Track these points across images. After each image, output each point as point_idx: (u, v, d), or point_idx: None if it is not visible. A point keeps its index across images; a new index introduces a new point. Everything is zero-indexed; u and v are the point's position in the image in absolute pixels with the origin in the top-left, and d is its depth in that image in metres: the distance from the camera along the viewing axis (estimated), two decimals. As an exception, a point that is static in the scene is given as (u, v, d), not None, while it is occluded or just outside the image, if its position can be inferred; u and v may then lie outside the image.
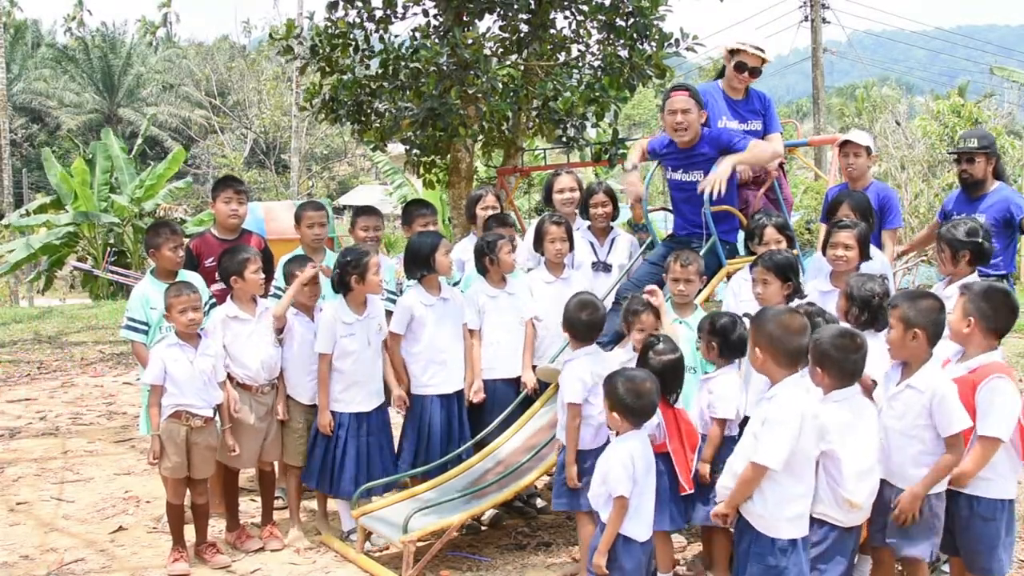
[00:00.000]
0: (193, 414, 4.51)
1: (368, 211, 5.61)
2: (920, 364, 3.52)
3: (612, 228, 5.67)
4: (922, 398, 3.48)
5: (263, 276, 4.83)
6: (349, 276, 4.70)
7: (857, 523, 3.51)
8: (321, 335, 4.77)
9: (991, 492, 3.59)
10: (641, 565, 3.59)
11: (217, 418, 4.65)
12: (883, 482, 3.64)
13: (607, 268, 5.49)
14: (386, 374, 4.95)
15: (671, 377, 3.94)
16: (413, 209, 5.70)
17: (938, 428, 3.43)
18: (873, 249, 4.70)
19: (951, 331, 3.64)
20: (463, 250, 5.60)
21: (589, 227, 5.66)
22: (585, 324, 4.21)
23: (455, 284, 5.35)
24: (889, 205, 5.37)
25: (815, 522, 3.46)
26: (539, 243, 5.22)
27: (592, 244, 5.59)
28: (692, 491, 3.99)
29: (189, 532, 4.70)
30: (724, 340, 4.04)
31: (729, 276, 5.05)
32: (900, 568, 3.93)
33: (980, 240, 4.28)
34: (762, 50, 5.41)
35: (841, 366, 3.44)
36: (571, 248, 5.24)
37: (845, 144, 5.37)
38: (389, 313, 5.04)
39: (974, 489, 3.59)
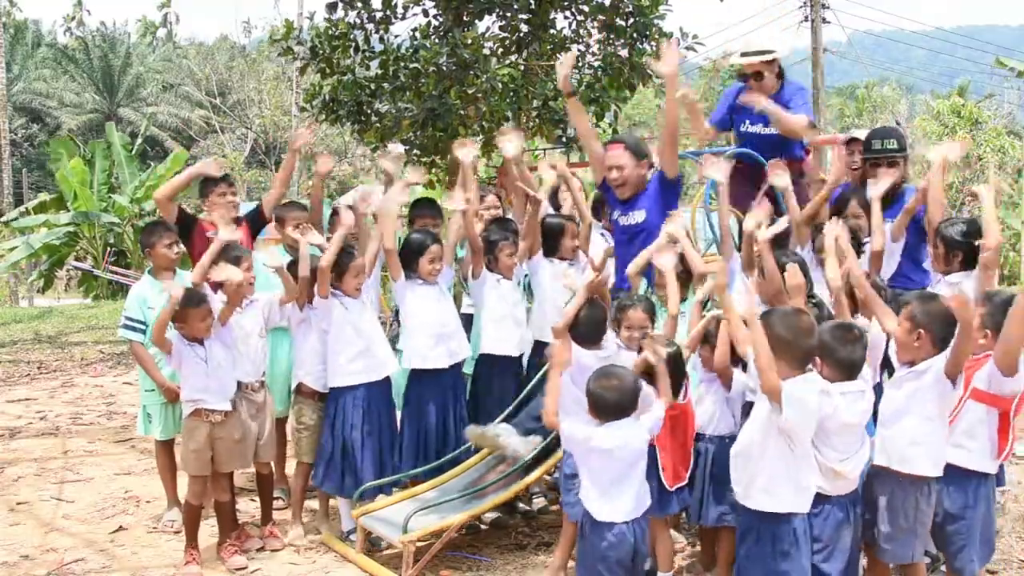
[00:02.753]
0: (212, 410, 4.53)
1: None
2: (922, 361, 3.54)
3: None
4: (919, 380, 3.51)
5: (253, 277, 4.81)
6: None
7: (842, 492, 3.52)
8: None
9: (970, 463, 3.62)
10: (610, 548, 3.51)
11: (242, 409, 4.68)
12: (872, 479, 3.67)
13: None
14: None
15: (672, 372, 3.93)
16: (414, 209, 5.74)
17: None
18: None
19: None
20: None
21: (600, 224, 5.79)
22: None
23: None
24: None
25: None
26: (554, 243, 5.26)
27: (604, 235, 5.71)
28: (672, 489, 4.00)
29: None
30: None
31: None
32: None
33: (976, 242, 4.24)
34: (751, 53, 5.37)
35: (838, 357, 3.47)
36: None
37: (852, 142, 5.36)
38: None
39: (953, 459, 3.61)
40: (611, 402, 3.57)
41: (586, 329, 4.11)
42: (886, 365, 4.37)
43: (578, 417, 3.98)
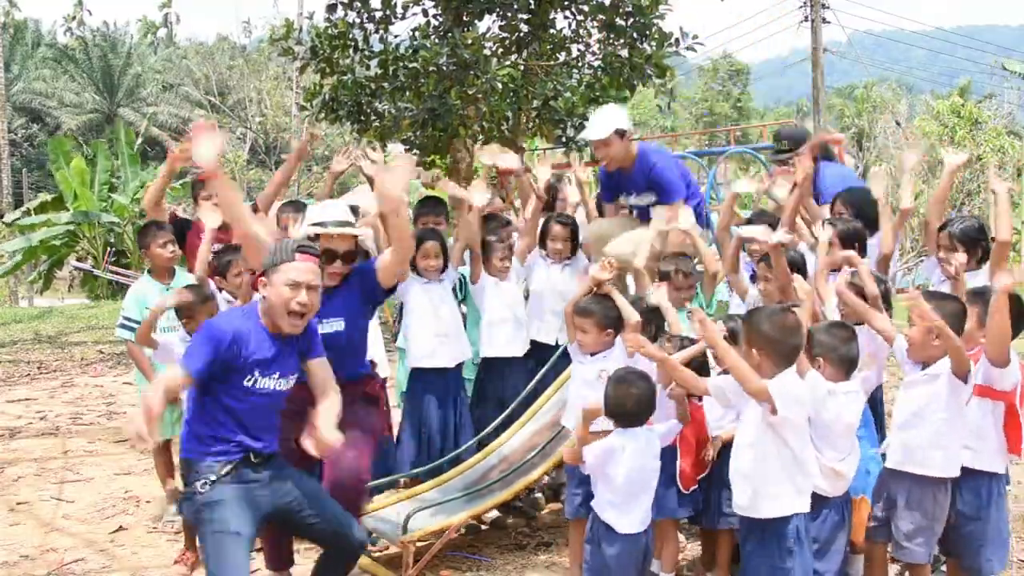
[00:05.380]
0: None
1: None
2: (936, 360, 3.55)
3: None
4: (934, 384, 3.51)
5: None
6: None
7: (839, 492, 3.54)
8: None
9: (978, 463, 3.62)
10: (624, 555, 3.56)
11: None
12: (887, 479, 3.67)
13: None
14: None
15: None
16: (419, 208, 5.74)
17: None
18: None
19: (965, 335, 3.67)
20: None
21: None
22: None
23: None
24: (662, 182, 5.12)
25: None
26: (543, 241, 5.28)
27: None
28: (687, 492, 4.00)
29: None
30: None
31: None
32: (900, 569, 3.94)
33: (982, 242, 4.27)
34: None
35: (839, 355, 3.53)
36: (573, 251, 5.26)
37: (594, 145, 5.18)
38: None
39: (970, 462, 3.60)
40: (631, 408, 3.58)
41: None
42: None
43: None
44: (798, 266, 4.33)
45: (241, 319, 3.44)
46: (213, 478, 3.32)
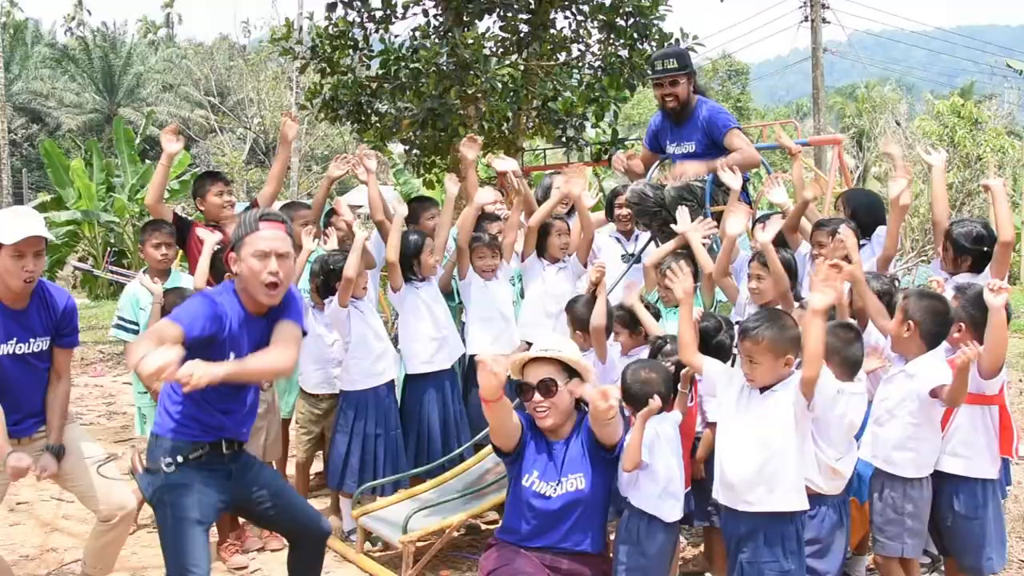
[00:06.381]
0: None
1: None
2: (914, 356, 3.58)
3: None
4: (911, 382, 3.55)
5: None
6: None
7: (836, 492, 3.54)
8: None
9: (972, 471, 3.62)
10: (663, 548, 3.51)
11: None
12: (880, 480, 3.67)
13: (639, 259, 5.51)
14: None
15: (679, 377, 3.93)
16: (416, 206, 5.74)
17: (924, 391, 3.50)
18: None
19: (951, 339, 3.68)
20: None
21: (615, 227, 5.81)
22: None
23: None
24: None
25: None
26: (541, 244, 5.28)
27: (619, 239, 5.74)
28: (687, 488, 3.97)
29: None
30: (704, 344, 4.03)
31: None
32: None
33: (986, 248, 4.22)
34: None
35: (844, 355, 3.52)
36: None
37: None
38: None
39: (954, 468, 3.62)
40: (661, 395, 3.57)
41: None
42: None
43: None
44: (789, 267, 4.33)
45: (224, 295, 3.26)
46: (180, 459, 3.19)
